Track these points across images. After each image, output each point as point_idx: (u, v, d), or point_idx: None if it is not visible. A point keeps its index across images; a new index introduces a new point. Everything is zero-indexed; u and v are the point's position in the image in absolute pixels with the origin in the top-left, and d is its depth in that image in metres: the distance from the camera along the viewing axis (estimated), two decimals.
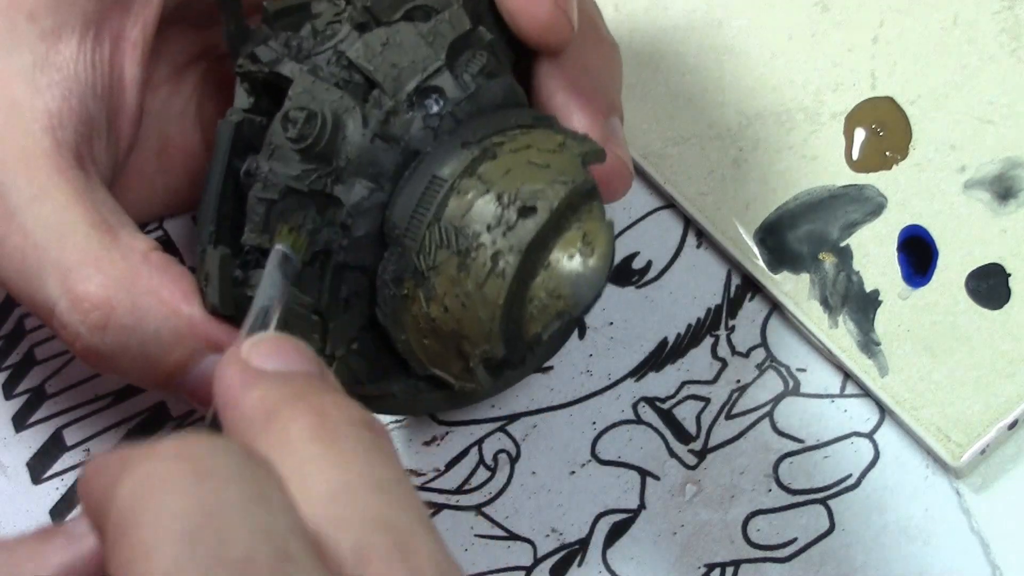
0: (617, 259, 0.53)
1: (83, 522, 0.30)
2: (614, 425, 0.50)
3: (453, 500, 0.50)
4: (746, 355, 0.51)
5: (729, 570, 0.48)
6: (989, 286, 0.50)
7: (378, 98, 0.41)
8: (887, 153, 0.52)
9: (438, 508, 0.50)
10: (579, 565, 0.49)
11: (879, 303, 0.50)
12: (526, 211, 0.40)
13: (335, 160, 0.41)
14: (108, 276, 0.40)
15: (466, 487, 0.50)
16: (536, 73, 0.46)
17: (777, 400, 0.50)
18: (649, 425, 0.50)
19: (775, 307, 0.51)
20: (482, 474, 0.50)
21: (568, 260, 0.40)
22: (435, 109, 0.41)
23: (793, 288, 0.50)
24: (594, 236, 0.40)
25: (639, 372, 0.51)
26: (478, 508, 0.50)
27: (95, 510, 0.28)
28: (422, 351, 0.42)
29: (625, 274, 0.52)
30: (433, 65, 0.42)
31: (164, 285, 0.41)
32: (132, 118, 0.44)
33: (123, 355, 0.41)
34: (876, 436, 0.49)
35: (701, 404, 0.50)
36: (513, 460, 0.50)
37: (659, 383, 0.51)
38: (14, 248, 0.41)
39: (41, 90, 0.42)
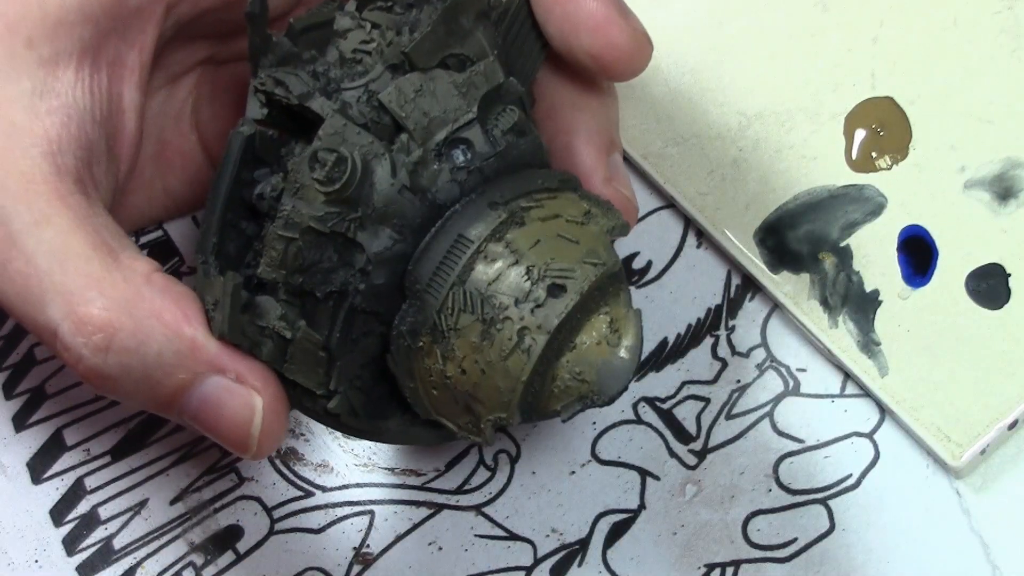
0: None
1: None
2: (614, 425, 0.50)
3: (453, 500, 0.50)
4: (746, 355, 0.51)
5: (729, 570, 0.48)
6: (989, 286, 0.50)
7: (406, 144, 0.41)
8: (887, 153, 0.52)
9: (438, 508, 0.50)
10: (579, 565, 0.49)
11: (879, 303, 0.50)
12: (555, 289, 0.40)
13: (361, 207, 0.41)
14: (110, 299, 0.40)
15: (466, 487, 0.50)
16: (543, 111, 0.46)
17: (777, 400, 0.50)
18: (649, 425, 0.50)
19: (775, 307, 0.51)
20: (482, 474, 0.50)
21: (596, 346, 0.40)
22: (461, 160, 0.41)
23: (793, 288, 0.50)
24: (621, 324, 0.40)
25: (639, 372, 0.51)
26: (478, 508, 0.50)
27: None
28: (430, 400, 0.42)
29: (625, 274, 0.52)
30: (464, 117, 0.41)
31: (166, 307, 0.41)
32: (131, 142, 0.44)
33: (126, 377, 0.41)
34: (876, 436, 0.49)
35: (701, 404, 0.50)
36: (513, 460, 0.50)
37: (659, 383, 0.51)
38: (16, 272, 0.41)
39: (40, 116, 0.42)
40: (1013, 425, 0.48)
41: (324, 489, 0.51)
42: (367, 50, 0.42)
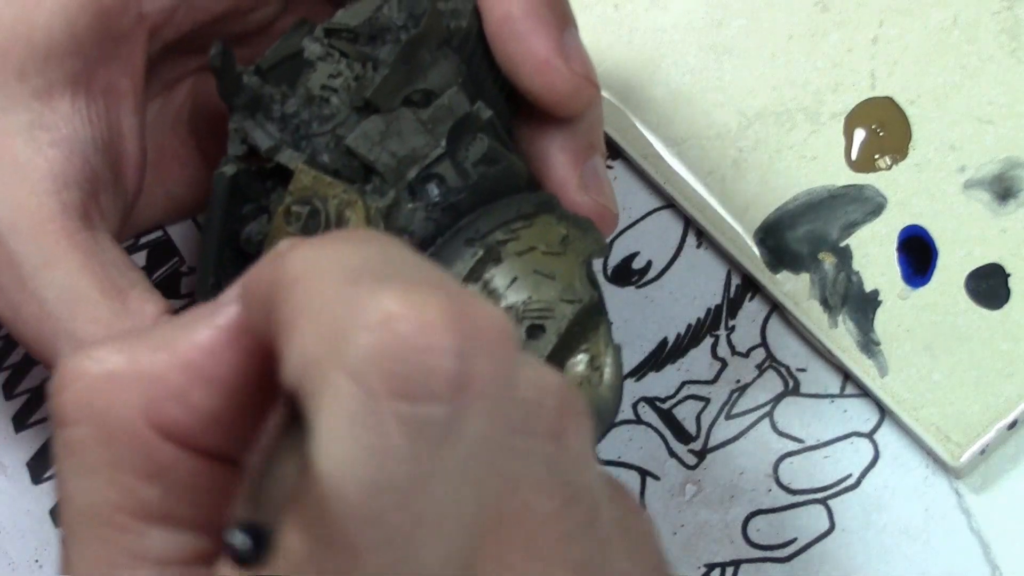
0: (617, 259, 0.53)
1: (228, 294, 0.30)
2: (614, 425, 0.50)
3: None
4: (746, 355, 0.51)
5: (729, 570, 0.48)
6: (989, 286, 0.50)
7: (379, 186, 0.41)
8: (887, 153, 0.52)
9: None
10: None
11: (879, 303, 0.50)
12: (534, 331, 0.40)
13: None
14: None
15: None
16: (516, 119, 0.46)
17: (777, 400, 0.50)
18: (649, 425, 0.50)
19: (775, 307, 0.51)
20: None
21: (577, 387, 0.40)
22: (436, 194, 0.41)
23: (793, 288, 0.50)
24: (601, 360, 0.40)
25: (639, 372, 0.51)
26: None
27: (261, 291, 0.29)
28: None
29: (625, 274, 0.52)
30: (434, 153, 0.41)
31: None
32: (136, 166, 0.44)
33: None
34: (876, 436, 0.49)
35: (701, 404, 0.50)
36: None
37: (659, 383, 0.51)
38: (29, 316, 0.41)
39: (43, 149, 0.42)
40: (1013, 425, 0.48)
41: None
42: (334, 86, 0.42)
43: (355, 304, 0.26)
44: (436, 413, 0.26)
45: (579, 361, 0.40)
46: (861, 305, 0.50)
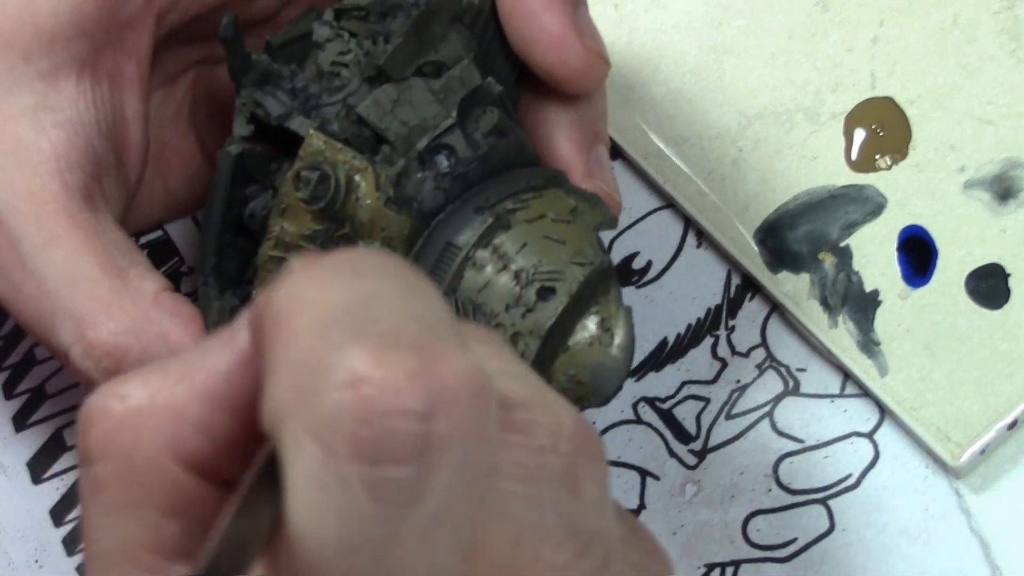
0: (617, 259, 0.53)
1: (243, 318, 0.30)
2: (614, 425, 0.50)
3: None
4: (746, 355, 0.51)
5: (729, 570, 0.48)
6: (989, 286, 0.50)
7: (389, 155, 0.41)
8: (887, 153, 0.52)
9: None
10: None
11: (879, 303, 0.50)
12: (545, 292, 0.40)
13: (348, 222, 0.41)
14: (118, 322, 0.41)
15: None
16: (524, 103, 0.46)
17: (777, 400, 0.50)
18: (649, 425, 0.50)
19: (775, 307, 0.51)
20: None
21: (588, 347, 0.40)
22: (445, 165, 0.41)
23: (793, 288, 0.50)
24: (612, 322, 0.40)
25: (639, 372, 0.51)
26: None
27: (256, 324, 0.28)
28: None
29: (625, 274, 0.52)
30: (444, 123, 0.41)
31: (173, 329, 0.41)
32: (139, 151, 0.44)
33: None
34: (876, 436, 0.49)
35: (701, 404, 0.50)
36: None
37: (659, 383, 0.51)
38: (29, 295, 0.42)
39: (46, 130, 0.42)
40: (1013, 425, 0.48)
41: None
42: (344, 62, 0.42)
43: (326, 359, 0.26)
44: (400, 475, 0.25)
45: (590, 322, 0.40)
46: (861, 305, 0.50)
